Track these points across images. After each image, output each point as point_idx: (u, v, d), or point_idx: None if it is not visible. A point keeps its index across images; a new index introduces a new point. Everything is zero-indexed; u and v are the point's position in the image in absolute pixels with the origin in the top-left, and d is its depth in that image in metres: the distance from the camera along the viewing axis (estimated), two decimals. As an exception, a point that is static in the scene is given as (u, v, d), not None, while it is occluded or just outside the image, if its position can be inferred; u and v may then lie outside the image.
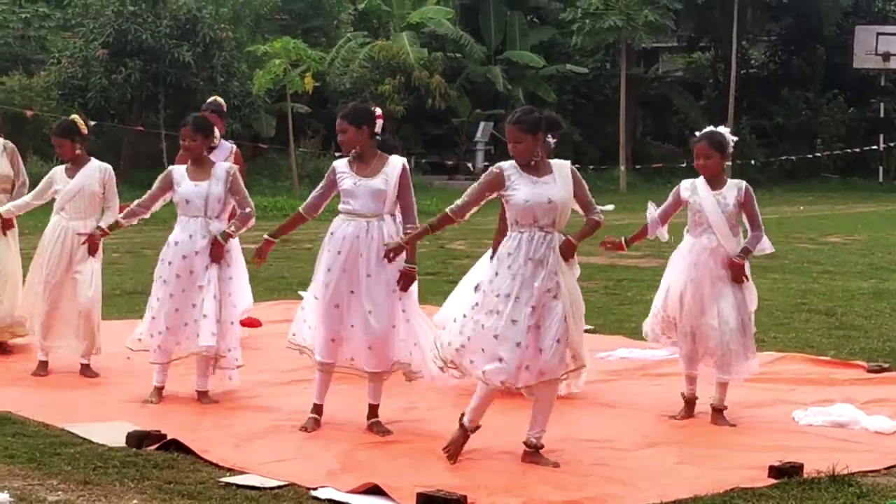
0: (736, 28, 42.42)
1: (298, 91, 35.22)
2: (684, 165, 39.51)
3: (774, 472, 7.68)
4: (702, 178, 9.46)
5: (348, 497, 7.19)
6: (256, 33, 38.47)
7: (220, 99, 13.14)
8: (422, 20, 41.31)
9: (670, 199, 9.66)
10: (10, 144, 11.97)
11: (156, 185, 10.08)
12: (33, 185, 11.66)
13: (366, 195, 8.83)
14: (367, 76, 39.05)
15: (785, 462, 7.78)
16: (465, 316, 8.18)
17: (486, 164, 38.14)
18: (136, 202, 10.31)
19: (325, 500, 7.16)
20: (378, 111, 9.12)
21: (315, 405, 9.05)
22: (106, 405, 9.67)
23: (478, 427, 8.16)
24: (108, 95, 33.43)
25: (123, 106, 34.43)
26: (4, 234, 11.74)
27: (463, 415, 8.18)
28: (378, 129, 9.02)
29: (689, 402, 9.54)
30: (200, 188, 9.82)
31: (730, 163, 9.64)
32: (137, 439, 8.24)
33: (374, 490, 7.26)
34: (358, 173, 8.90)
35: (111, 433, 8.48)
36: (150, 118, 35.22)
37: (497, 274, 8.07)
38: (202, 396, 9.91)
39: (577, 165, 8.56)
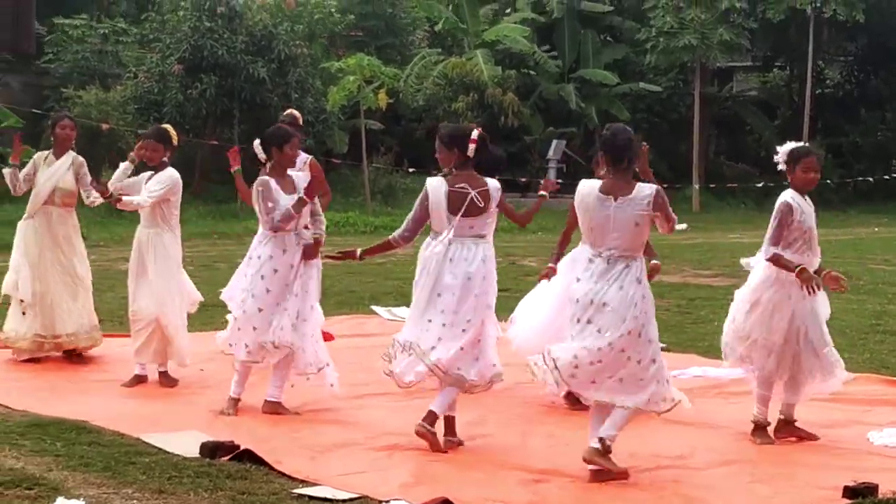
0: (812, 47, 42.11)
1: (372, 107, 35.35)
2: (760, 185, 39.39)
3: (849, 492, 7.61)
4: (797, 194, 9.15)
5: (420, 510, 7.22)
6: (331, 50, 38.66)
7: (296, 112, 13.22)
8: (497, 38, 41.36)
9: (779, 219, 9.05)
10: (79, 158, 12.00)
11: (260, 198, 9.92)
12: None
13: None
14: (440, 93, 39.15)
15: (859, 482, 7.70)
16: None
17: (559, 181, 38.12)
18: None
19: (396, 512, 7.20)
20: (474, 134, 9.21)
21: None
22: (180, 415, 9.74)
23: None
24: (183, 110, 33.69)
25: (198, 121, 34.69)
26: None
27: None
28: (471, 152, 9.23)
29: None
30: (293, 200, 9.84)
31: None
32: (211, 450, 8.29)
33: (445, 503, 7.28)
34: None
35: (185, 443, 8.54)
36: (224, 133, 35.46)
37: (579, 280, 8.25)
38: (279, 407, 9.94)
39: (650, 185, 8.47)
